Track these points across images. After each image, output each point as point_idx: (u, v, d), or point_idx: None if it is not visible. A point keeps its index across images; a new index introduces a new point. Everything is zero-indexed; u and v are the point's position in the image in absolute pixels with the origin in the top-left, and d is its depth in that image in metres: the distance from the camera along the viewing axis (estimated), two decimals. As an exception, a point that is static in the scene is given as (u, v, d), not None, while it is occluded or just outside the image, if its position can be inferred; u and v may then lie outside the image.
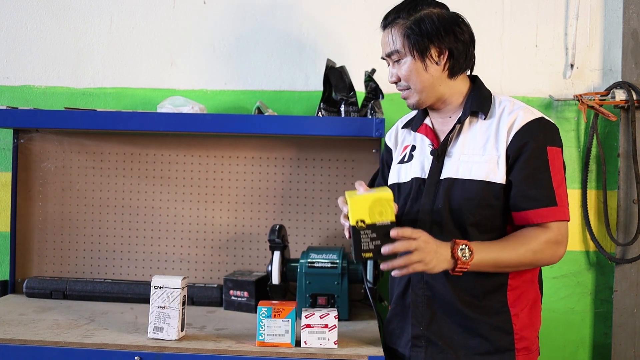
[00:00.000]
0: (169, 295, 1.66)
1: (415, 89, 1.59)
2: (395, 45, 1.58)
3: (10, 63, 2.42)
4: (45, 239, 2.35)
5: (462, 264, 1.42)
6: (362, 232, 1.41)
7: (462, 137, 1.59)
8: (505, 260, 1.48)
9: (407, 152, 1.70)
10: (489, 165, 1.53)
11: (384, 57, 1.64)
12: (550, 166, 1.51)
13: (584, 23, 2.33)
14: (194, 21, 2.39)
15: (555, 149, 1.54)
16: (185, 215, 2.33)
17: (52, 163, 2.35)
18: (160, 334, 1.66)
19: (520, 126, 1.52)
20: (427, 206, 1.57)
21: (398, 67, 1.60)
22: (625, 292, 2.25)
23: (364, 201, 1.41)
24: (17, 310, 2.00)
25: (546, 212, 1.49)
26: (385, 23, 1.61)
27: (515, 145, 1.51)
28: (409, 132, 1.74)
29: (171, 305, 1.66)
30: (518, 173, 1.51)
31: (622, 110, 2.26)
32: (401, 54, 1.58)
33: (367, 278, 2.00)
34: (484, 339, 1.54)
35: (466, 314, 1.54)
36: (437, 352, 1.57)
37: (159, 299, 1.67)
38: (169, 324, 1.66)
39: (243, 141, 2.31)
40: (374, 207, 1.41)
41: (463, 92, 1.63)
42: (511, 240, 1.51)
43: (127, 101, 2.39)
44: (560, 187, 1.52)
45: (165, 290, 1.67)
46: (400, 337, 1.65)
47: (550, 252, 1.50)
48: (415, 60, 1.56)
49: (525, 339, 1.56)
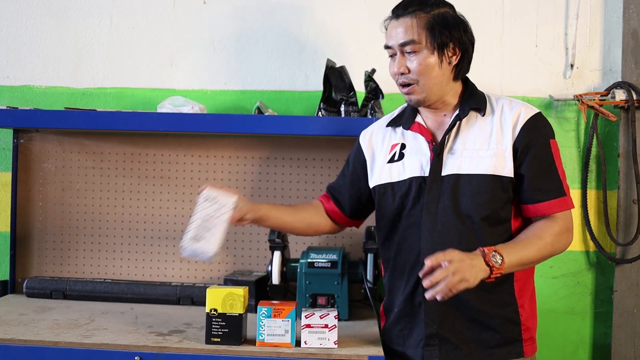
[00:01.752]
0: (220, 207, 1.55)
1: (425, 85, 1.57)
2: (415, 35, 1.54)
3: (10, 63, 2.42)
4: (45, 239, 2.35)
5: (497, 269, 1.44)
6: (214, 319, 1.62)
7: (462, 134, 1.60)
8: (531, 258, 1.52)
9: (397, 151, 1.68)
10: (496, 159, 1.55)
11: (390, 45, 1.59)
12: (555, 158, 1.58)
13: (584, 23, 2.33)
14: (194, 21, 2.39)
15: (555, 142, 1.60)
16: (185, 215, 2.32)
17: (52, 163, 2.35)
18: (197, 244, 1.52)
19: (525, 120, 1.56)
20: (431, 204, 1.57)
21: (410, 59, 1.57)
22: (625, 292, 2.25)
23: (219, 293, 1.62)
24: (17, 310, 2.00)
25: (558, 203, 1.55)
26: (402, 12, 1.57)
27: (524, 139, 1.55)
28: (394, 130, 1.72)
29: (220, 217, 1.54)
30: (529, 167, 1.55)
31: (622, 110, 2.26)
32: (419, 47, 1.55)
33: (367, 278, 2.00)
34: (495, 331, 1.56)
35: (478, 308, 1.55)
36: (451, 349, 1.57)
37: (208, 208, 1.54)
38: (213, 234, 1.53)
39: (243, 141, 2.31)
40: (227, 299, 1.62)
41: (458, 93, 1.64)
42: (530, 237, 1.54)
43: (127, 101, 2.39)
44: (563, 177, 1.59)
45: (217, 202, 1.55)
46: (409, 338, 1.63)
47: (564, 241, 1.56)
48: (432, 54, 1.55)
49: (530, 330, 1.60)
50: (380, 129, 1.77)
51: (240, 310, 1.63)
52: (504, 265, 1.44)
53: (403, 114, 1.72)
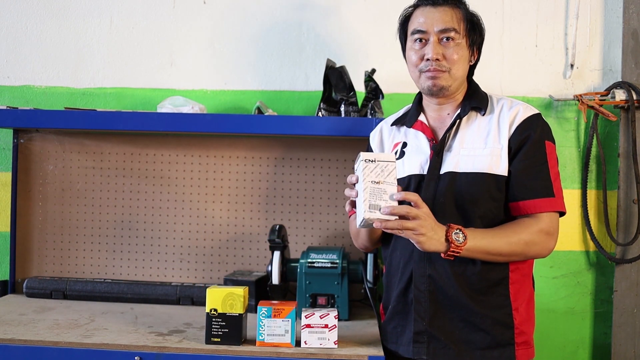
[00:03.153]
0: (383, 169, 1.45)
1: (455, 75, 1.59)
2: (456, 25, 1.57)
3: (10, 63, 2.42)
4: (45, 239, 2.35)
5: (455, 247, 1.44)
6: (214, 319, 1.64)
7: (461, 132, 1.61)
8: (497, 249, 1.50)
9: (399, 149, 1.70)
10: (492, 158, 1.55)
11: (425, 29, 1.58)
12: (548, 159, 1.55)
13: (584, 23, 2.33)
14: (194, 21, 2.39)
15: (551, 144, 1.59)
16: (185, 215, 2.33)
17: (52, 163, 2.35)
18: (377, 212, 1.42)
19: (522, 119, 1.57)
20: (427, 202, 1.55)
21: (447, 46, 1.58)
22: (625, 292, 2.25)
23: (219, 293, 1.64)
24: (17, 310, 2.00)
25: (543, 203, 1.53)
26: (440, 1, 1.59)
27: (518, 137, 1.55)
28: (398, 129, 1.74)
29: (387, 180, 1.45)
30: (518, 164, 1.55)
31: (622, 110, 2.26)
32: (459, 36, 1.58)
33: (367, 278, 2.00)
34: (486, 333, 1.55)
35: (470, 308, 1.55)
36: (439, 347, 1.57)
37: (371, 173, 1.44)
38: (385, 200, 1.44)
39: (243, 141, 2.31)
40: (227, 299, 1.63)
41: (463, 92, 1.67)
42: (504, 229, 1.53)
43: (127, 101, 2.39)
44: (556, 180, 1.56)
45: (378, 164, 1.45)
46: (402, 335, 1.63)
47: (542, 243, 1.52)
48: (467, 47, 1.60)
49: (525, 334, 1.58)
50: (386, 128, 1.79)
51: (240, 310, 1.64)
52: (464, 245, 1.44)
53: (408, 112, 1.74)
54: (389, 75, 2.21)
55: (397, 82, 2.24)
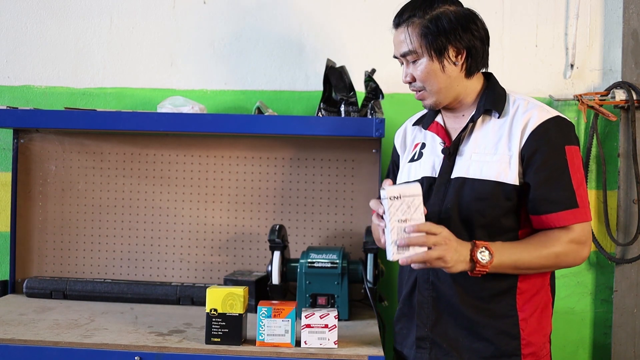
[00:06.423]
0: (410, 205, 1.39)
1: (432, 90, 1.54)
2: (412, 45, 1.51)
3: (10, 63, 2.42)
4: (45, 239, 2.35)
5: (481, 267, 1.40)
6: (214, 319, 1.64)
7: (475, 135, 1.55)
8: (527, 263, 1.45)
9: (418, 150, 1.66)
10: (500, 165, 1.48)
11: (397, 56, 1.56)
12: (569, 165, 1.47)
13: (584, 23, 2.33)
14: (194, 21, 2.39)
15: (572, 147, 1.49)
16: (185, 215, 2.33)
17: (53, 163, 2.35)
18: (406, 252, 1.39)
19: (535, 126, 1.48)
20: (435, 206, 1.53)
21: (414, 67, 1.53)
22: (625, 292, 2.25)
23: (219, 293, 1.64)
24: (17, 310, 2.00)
25: (568, 215, 1.45)
26: (399, 21, 1.53)
27: (531, 146, 1.47)
28: (420, 129, 1.70)
29: (413, 217, 1.39)
30: (536, 175, 1.46)
31: (622, 110, 2.26)
32: (418, 55, 1.51)
33: (367, 278, 2.00)
34: (489, 342, 1.50)
35: (471, 317, 1.51)
36: (441, 354, 1.54)
37: (397, 212, 1.39)
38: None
39: (243, 141, 2.31)
40: (227, 299, 1.64)
41: (477, 90, 1.58)
42: (534, 242, 1.47)
43: (127, 101, 2.39)
44: (580, 187, 1.47)
45: (404, 200, 1.39)
46: (407, 338, 1.62)
47: (574, 254, 1.46)
48: (432, 61, 1.50)
49: (533, 345, 1.52)
50: (410, 128, 1.75)
51: (240, 310, 1.64)
52: (490, 263, 1.40)
53: (428, 112, 1.70)
54: (389, 75, 2.21)
55: (397, 82, 2.21)
